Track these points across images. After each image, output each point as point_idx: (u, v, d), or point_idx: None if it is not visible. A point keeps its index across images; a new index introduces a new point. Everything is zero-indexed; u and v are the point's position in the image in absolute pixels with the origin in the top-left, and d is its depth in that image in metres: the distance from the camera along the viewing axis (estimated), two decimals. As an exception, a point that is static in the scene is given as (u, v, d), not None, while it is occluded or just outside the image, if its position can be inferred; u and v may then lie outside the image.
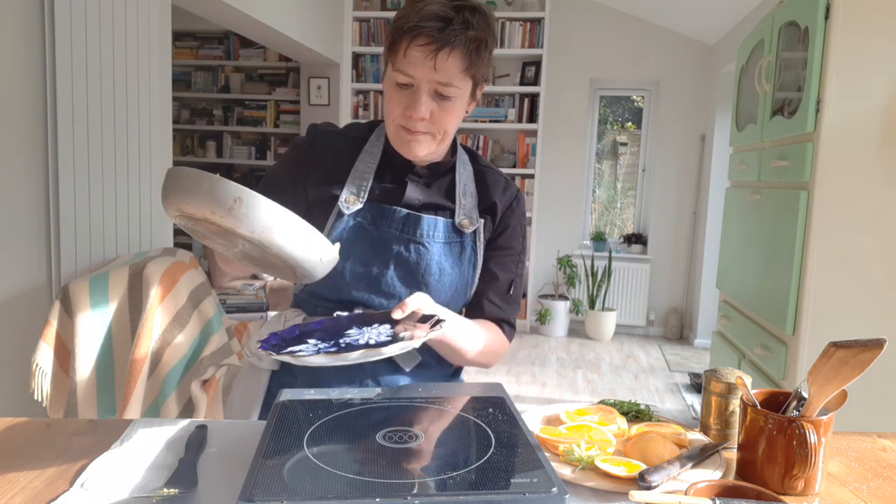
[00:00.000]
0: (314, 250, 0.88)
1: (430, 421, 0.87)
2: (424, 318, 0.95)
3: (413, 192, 1.10)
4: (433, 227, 1.09)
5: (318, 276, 0.92)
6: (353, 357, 0.81)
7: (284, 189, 1.12)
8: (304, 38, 4.12)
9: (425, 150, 1.07)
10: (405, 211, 1.08)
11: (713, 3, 4.22)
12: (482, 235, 1.13)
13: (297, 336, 0.96)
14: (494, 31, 1.04)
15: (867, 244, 1.97)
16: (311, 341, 0.93)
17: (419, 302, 0.96)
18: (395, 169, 1.12)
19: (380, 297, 1.08)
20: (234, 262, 1.04)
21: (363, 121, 1.21)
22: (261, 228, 0.81)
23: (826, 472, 0.86)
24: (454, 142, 1.17)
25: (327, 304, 1.10)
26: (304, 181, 1.12)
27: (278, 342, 0.93)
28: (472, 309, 1.17)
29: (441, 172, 1.14)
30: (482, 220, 1.13)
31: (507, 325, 1.18)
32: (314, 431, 0.81)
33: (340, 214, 1.08)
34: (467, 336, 1.07)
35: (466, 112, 1.10)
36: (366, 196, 1.09)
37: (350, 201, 1.08)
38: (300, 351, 0.87)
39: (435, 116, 1.03)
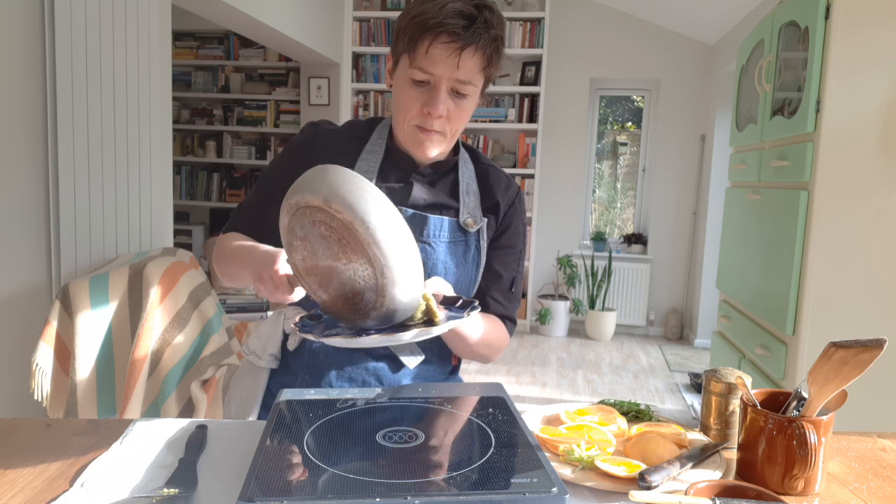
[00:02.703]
0: (415, 296, 0.83)
1: (431, 421, 0.87)
2: (445, 301, 0.96)
3: (419, 192, 1.11)
4: (439, 227, 1.09)
5: (375, 315, 0.84)
6: (408, 337, 0.82)
7: (285, 189, 1.12)
8: (304, 38, 4.12)
9: (437, 150, 1.08)
10: (411, 211, 1.08)
11: (713, 3, 4.22)
12: (485, 234, 1.13)
13: (323, 317, 0.96)
14: (506, 31, 1.05)
15: (867, 244, 1.97)
16: (342, 324, 0.93)
17: (439, 284, 0.97)
18: (398, 168, 1.12)
19: None
20: (236, 277, 1.03)
21: (362, 118, 1.21)
22: (392, 252, 0.78)
23: (826, 472, 0.86)
24: (456, 141, 1.17)
25: None
26: None
27: (310, 326, 0.92)
28: None
29: (444, 171, 1.14)
30: (485, 219, 1.13)
31: (509, 322, 1.20)
32: (314, 431, 0.81)
33: None
34: (476, 328, 1.09)
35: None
36: None
37: None
38: (354, 334, 0.86)
39: (451, 114, 1.04)
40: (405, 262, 0.80)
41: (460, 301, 0.95)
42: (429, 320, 0.87)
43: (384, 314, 0.83)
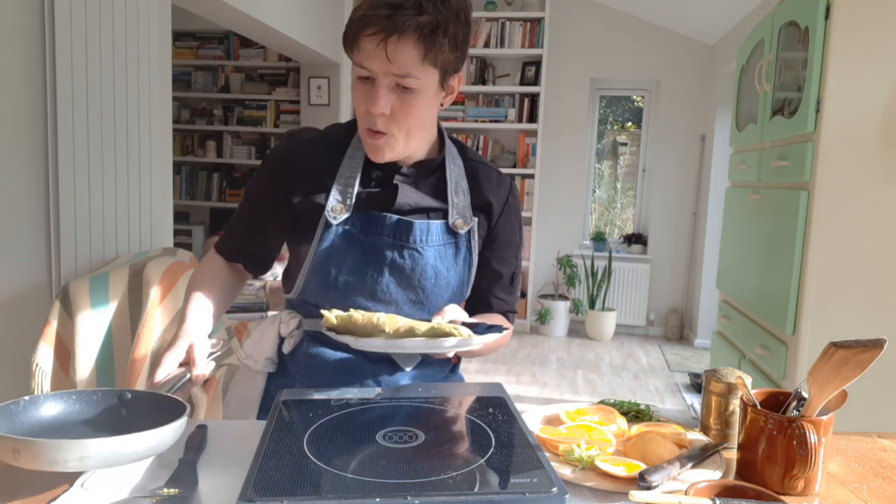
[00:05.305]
0: None
1: (430, 421, 0.87)
2: (468, 327, 0.95)
3: (403, 197, 1.05)
4: (426, 232, 1.05)
5: None
6: (412, 346, 0.82)
7: (267, 204, 1.09)
8: (304, 38, 4.12)
9: (390, 154, 1.01)
10: (396, 217, 1.04)
11: (713, 3, 4.22)
12: (476, 234, 1.10)
13: None
14: (461, 16, 0.96)
15: (867, 244, 1.97)
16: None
17: (456, 312, 0.97)
18: (380, 171, 1.07)
19: (377, 303, 1.06)
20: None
21: (343, 122, 1.17)
22: None
23: (826, 472, 0.86)
24: (441, 136, 1.12)
25: (325, 308, 1.09)
26: (287, 194, 1.06)
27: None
28: (479, 306, 1.17)
29: (429, 170, 1.09)
30: (476, 219, 1.10)
31: (511, 314, 1.20)
32: (314, 431, 0.81)
33: (328, 225, 1.03)
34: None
35: (441, 106, 1.03)
36: (352, 203, 1.04)
37: (336, 210, 1.03)
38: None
39: (396, 112, 0.96)
40: None
41: (480, 327, 0.95)
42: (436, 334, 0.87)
43: None
